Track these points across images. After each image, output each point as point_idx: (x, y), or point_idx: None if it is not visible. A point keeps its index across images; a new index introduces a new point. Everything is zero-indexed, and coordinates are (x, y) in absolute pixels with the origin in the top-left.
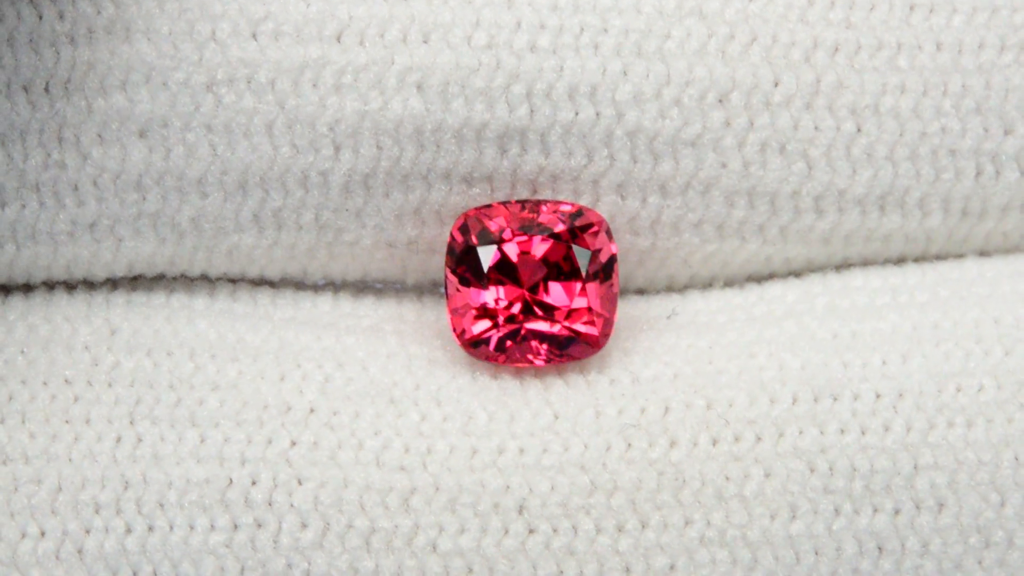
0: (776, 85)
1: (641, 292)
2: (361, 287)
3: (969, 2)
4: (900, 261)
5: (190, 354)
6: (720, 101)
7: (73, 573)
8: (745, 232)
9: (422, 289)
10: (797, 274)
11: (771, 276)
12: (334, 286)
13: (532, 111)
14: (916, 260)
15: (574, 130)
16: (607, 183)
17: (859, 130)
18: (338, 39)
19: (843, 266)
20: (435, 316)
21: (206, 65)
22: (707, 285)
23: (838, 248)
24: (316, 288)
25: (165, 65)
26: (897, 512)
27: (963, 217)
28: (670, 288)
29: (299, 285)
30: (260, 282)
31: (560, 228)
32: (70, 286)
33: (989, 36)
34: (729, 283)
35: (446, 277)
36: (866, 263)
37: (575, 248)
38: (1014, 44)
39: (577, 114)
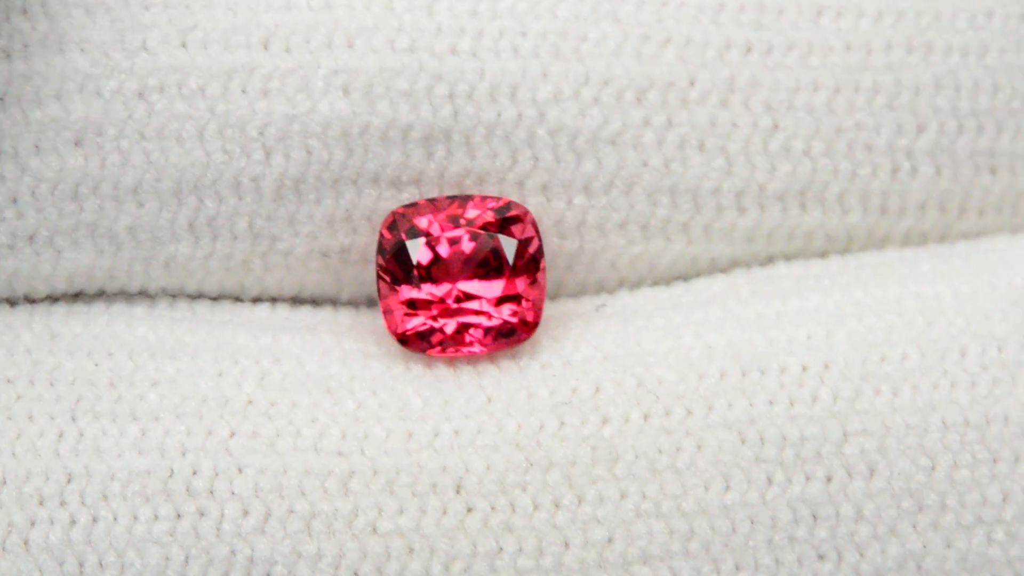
0: (692, 83)
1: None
2: (298, 301)
3: (875, 5)
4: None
5: (129, 354)
6: (638, 99)
7: (19, 564)
8: (669, 231)
9: (358, 303)
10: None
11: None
12: (272, 300)
13: (456, 112)
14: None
15: (498, 130)
16: (532, 184)
17: (776, 126)
18: (265, 46)
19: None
20: (370, 319)
21: (138, 72)
22: (635, 287)
23: (762, 247)
24: (254, 299)
25: (98, 73)
26: (829, 479)
27: (882, 214)
28: (600, 292)
29: (237, 299)
30: (199, 296)
31: (488, 221)
32: (12, 301)
33: (896, 37)
34: (656, 284)
35: (378, 275)
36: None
37: (503, 239)
38: (920, 45)
39: (500, 114)
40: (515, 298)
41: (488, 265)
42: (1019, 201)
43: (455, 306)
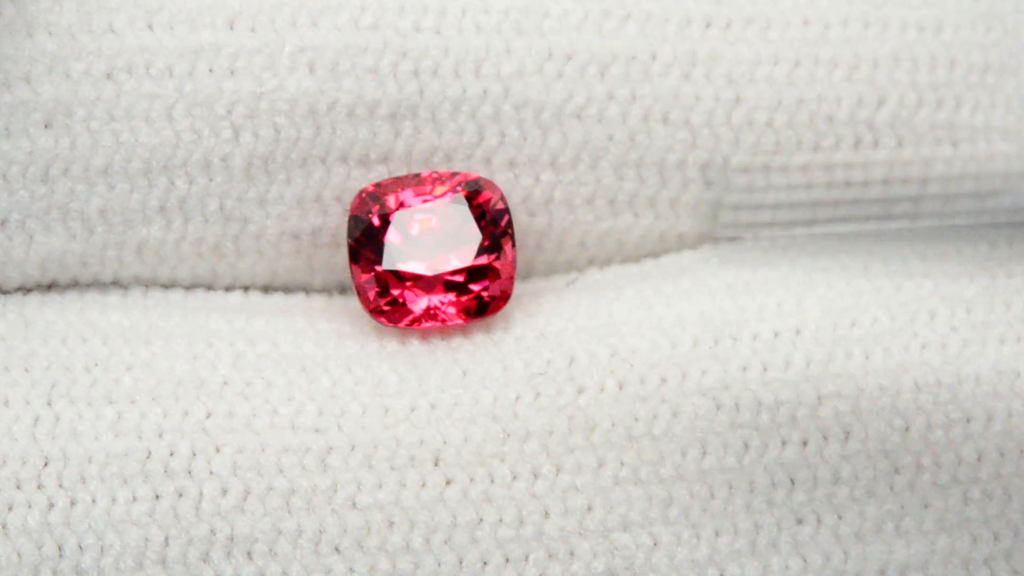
0: (654, 57)
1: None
2: (271, 290)
3: None
4: None
5: (104, 339)
6: (601, 73)
7: None
8: (637, 206)
9: (330, 290)
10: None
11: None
12: (244, 289)
13: (421, 88)
14: None
15: (463, 106)
16: (499, 160)
17: (738, 98)
18: (230, 25)
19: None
20: (343, 302)
21: (105, 54)
22: (605, 265)
23: (728, 219)
24: (227, 288)
25: (66, 55)
26: (805, 443)
27: (846, 188)
28: (570, 271)
29: (210, 287)
30: (171, 285)
31: (457, 195)
32: None
33: (852, 12)
34: (626, 262)
35: (349, 255)
36: None
37: (471, 214)
38: (876, 20)
39: (465, 90)
40: (486, 271)
41: (458, 240)
42: (980, 172)
43: (427, 280)
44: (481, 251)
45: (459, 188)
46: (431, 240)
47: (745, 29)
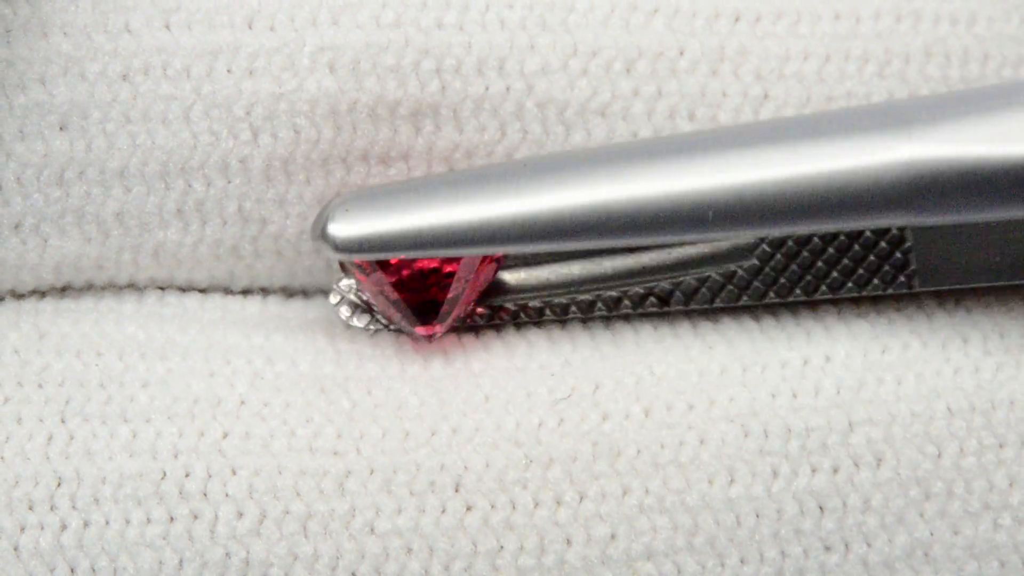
0: (681, 53)
1: None
2: (289, 293)
3: None
4: None
5: (119, 354)
6: (627, 70)
7: (10, 570)
8: None
9: None
10: None
11: None
12: (263, 291)
13: (443, 87)
14: None
15: (486, 104)
16: (521, 157)
17: (766, 95)
18: (249, 25)
19: None
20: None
21: (121, 54)
22: None
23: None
24: (245, 292)
25: (81, 56)
26: (836, 470)
27: None
28: None
29: (227, 290)
30: (188, 288)
31: None
32: None
33: (884, 6)
34: None
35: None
36: None
37: None
38: (909, 13)
39: (487, 88)
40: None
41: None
42: None
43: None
44: None
45: None
46: None
47: (775, 24)
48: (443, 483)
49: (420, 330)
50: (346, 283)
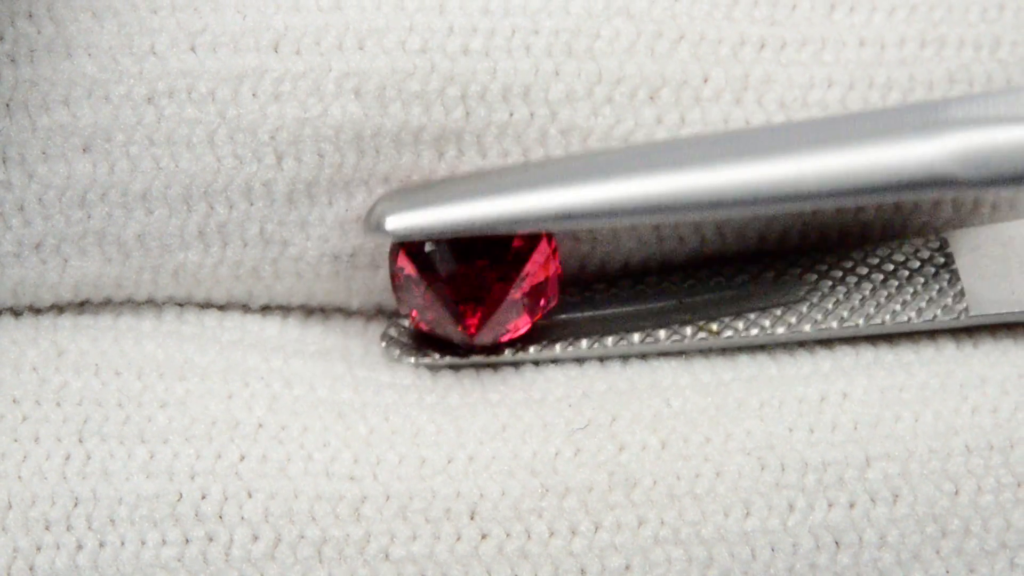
0: (705, 81)
1: None
2: (308, 312)
3: (888, 1)
4: None
5: (138, 373)
6: (651, 98)
7: None
8: (683, 233)
9: (367, 314)
10: None
11: None
12: (282, 310)
13: (468, 113)
14: None
15: (509, 130)
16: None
17: None
18: (275, 49)
19: None
20: (382, 350)
21: (146, 77)
22: None
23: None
24: (263, 311)
25: (106, 78)
26: (852, 505)
27: (896, 211)
28: None
29: (246, 308)
30: (207, 305)
31: None
32: (16, 312)
33: (909, 32)
34: None
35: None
36: None
37: None
38: (933, 39)
39: (512, 114)
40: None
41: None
42: None
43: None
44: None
45: None
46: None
47: (799, 51)
48: (458, 511)
49: (465, 323)
50: (395, 329)
